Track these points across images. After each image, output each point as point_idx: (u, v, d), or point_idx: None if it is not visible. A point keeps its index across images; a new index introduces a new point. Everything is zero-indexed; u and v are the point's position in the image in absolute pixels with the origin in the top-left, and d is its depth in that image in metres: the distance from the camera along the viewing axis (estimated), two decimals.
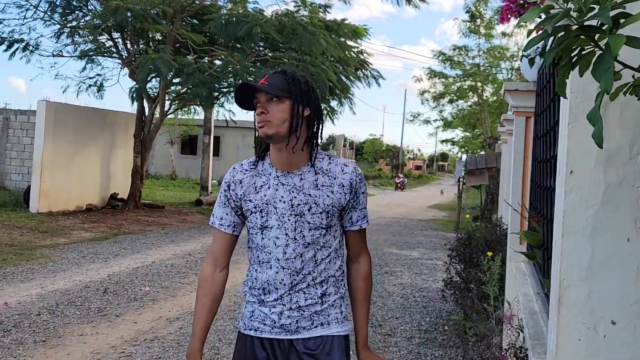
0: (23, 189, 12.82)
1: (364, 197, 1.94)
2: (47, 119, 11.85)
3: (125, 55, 13.52)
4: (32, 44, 13.10)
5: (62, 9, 13.03)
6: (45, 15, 12.87)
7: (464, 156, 29.84)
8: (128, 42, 13.49)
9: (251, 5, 13.70)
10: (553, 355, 1.42)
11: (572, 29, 0.98)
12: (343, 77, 14.12)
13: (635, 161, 1.34)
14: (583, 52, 1.02)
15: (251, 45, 12.66)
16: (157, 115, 13.96)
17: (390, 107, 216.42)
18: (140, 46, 13.68)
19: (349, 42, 14.53)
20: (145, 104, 13.88)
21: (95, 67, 14.25)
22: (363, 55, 15.05)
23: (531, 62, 1.52)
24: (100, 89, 14.08)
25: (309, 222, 1.85)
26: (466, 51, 22.85)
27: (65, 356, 4.25)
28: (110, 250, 8.63)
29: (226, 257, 1.97)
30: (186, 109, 16.78)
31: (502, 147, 11.59)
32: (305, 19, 13.04)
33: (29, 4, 12.73)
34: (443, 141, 35.88)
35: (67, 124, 12.34)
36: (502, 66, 22.43)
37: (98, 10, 12.63)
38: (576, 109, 1.38)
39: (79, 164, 12.69)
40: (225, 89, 13.88)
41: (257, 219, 1.88)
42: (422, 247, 10.96)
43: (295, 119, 1.80)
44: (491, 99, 23.39)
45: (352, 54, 14.47)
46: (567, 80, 1.06)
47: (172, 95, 14.34)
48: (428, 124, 30.47)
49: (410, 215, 17.63)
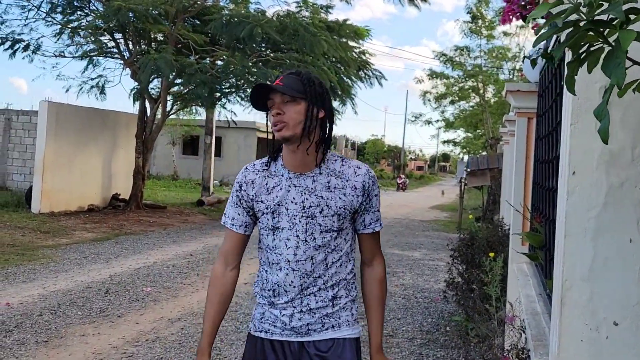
0: (25, 189, 12.82)
1: (376, 199, 1.93)
2: (49, 120, 11.86)
3: (127, 55, 13.53)
4: (34, 44, 13.11)
5: (63, 9, 13.03)
6: (48, 15, 12.88)
7: (466, 157, 29.80)
8: (130, 42, 13.50)
9: (253, 6, 13.71)
10: (555, 357, 1.42)
11: (580, 25, 0.98)
12: (345, 78, 14.12)
13: (637, 162, 1.33)
14: (592, 48, 1.02)
15: (252, 46, 12.67)
16: (159, 116, 13.98)
17: (392, 107, 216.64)
18: (142, 47, 13.69)
19: (351, 43, 14.54)
20: (147, 105, 13.89)
21: (97, 68, 14.29)
22: (365, 56, 15.06)
23: (533, 63, 1.51)
24: (102, 89, 14.09)
25: (320, 225, 1.84)
26: (468, 52, 22.84)
27: (67, 356, 4.25)
28: (112, 251, 8.64)
29: (237, 257, 1.97)
30: (188, 110, 16.78)
31: (504, 148, 11.58)
32: (306, 19, 13.04)
33: (30, 4, 12.76)
34: (445, 142, 35.83)
35: (68, 124, 12.35)
36: (503, 67, 22.43)
37: (100, 11, 12.64)
38: (579, 110, 1.38)
39: (80, 164, 12.69)
40: (227, 90, 13.88)
41: (268, 219, 1.87)
42: (424, 247, 10.95)
43: (310, 121, 1.79)
44: (493, 100, 23.37)
45: (354, 54, 14.47)
46: (575, 77, 1.06)
47: (174, 95, 14.35)
48: (430, 125, 30.46)
49: (412, 216, 17.62)
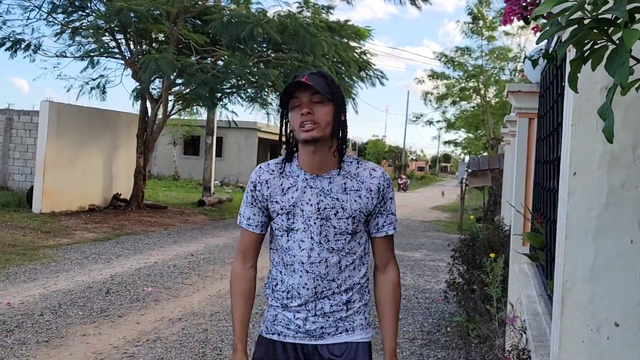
0: (26, 189, 12.83)
1: (391, 202, 1.92)
2: (50, 120, 11.87)
3: (128, 56, 13.54)
4: (35, 44, 13.12)
5: (65, 9, 13.04)
6: (49, 16, 12.88)
7: (467, 157, 29.80)
8: (131, 42, 13.51)
9: (254, 6, 13.71)
10: (556, 357, 1.42)
11: (584, 23, 0.98)
12: (345, 78, 14.11)
13: (638, 163, 1.33)
14: (595, 46, 1.01)
15: (253, 46, 12.67)
16: (160, 116, 13.98)
17: (393, 108, 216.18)
18: (143, 47, 13.70)
19: (352, 43, 14.53)
20: (148, 105, 13.90)
21: (98, 68, 14.29)
22: (366, 56, 15.05)
23: (534, 63, 1.52)
24: (103, 90, 14.10)
25: (335, 227, 1.84)
26: (468, 52, 22.86)
27: (67, 356, 4.25)
28: (113, 251, 8.64)
29: (255, 255, 1.98)
30: (189, 110, 16.79)
31: (505, 149, 11.58)
32: (308, 20, 13.04)
33: (32, 4, 12.76)
34: (446, 142, 35.85)
35: (70, 124, 12.35)
36: (505, 68, 22.43)
37: (101, 11, 12.64)
38: (580, 110, 1.38)
39: (81, 164, 12.70)
40: (228, 90, 13.89)
41: (283, 221, 1.87)
42: (424, 248, 10.95)
43: (338, 122, 1.82)
44: (494, 101, 23.38)
45: (355, 54, 14.47)
46: (578, 75, 1.05)
47: (175, 95, 14.36)
48: (431, 125, 30.50)
49: (413, 217, 17.61)
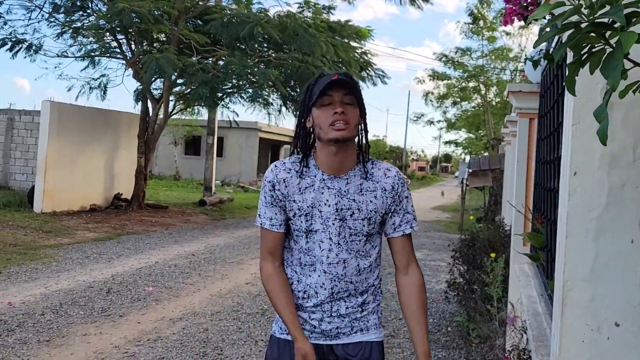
0: (27, 189, 12.83)
1: (407, 201, 1.91)
2: (51, 119, 11.87)
3: (130, 56, 13.55)
4: (36, 44, 13.12)
5: (66, 10, 13.04)
6: (50, 16, 12.88)
7: (468, 157, 29.80)
8: (132, 43, 13.51)
9: (256, 6, 13.71)
10: (556, 357, 1.42)
11: (582, 26, 0.98)
12: None
13: (639, 163, 1.33)
14: (593, 49, 1.02)
15: (253, 46, 12.67)
16: (161, 116, 13.98)
17: (394, 108, 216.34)
18: (145, 47, 13.70)
19: (353, 43, 14.53)
20: (149, 105, 13.91)
21: (99, 68, 14.29)
22: (367, 56, 15.03)
23: (535, 64, 1.52)
24: (104, 90, 14.10)
25: (350, 228, 1.85)
26: (469, 53, 22.85)
27: (68, 356, 4.26)
28: (114, 251, 8.64)
29: (282, 253, 1.96)
30: (190, 110, 16.79)
31: (505, 149, 11.58)
32: (308, 20, 13.04)
33: (33, 4, 12.77)
34: (447, 142, 35.89)
35: (71, 124, 12.36)
36: (505, 68, 22.42)
37: (102, 11, 12.65)
38: (580, 110, 1.38)
39: (82, 164, 12.71)
40: (229, 90, 13.89)
41: (302, 222, 1.86)
42: (425, 248, 10.94)
43: (364, 124, 1.87)
44: (495, 101, 23.38)
45: (356, 55, 14.46)
46: (576, 78, 1.06)
47: (176, 95, 14.37)
48: (432, 125, 30.52)
49: None
